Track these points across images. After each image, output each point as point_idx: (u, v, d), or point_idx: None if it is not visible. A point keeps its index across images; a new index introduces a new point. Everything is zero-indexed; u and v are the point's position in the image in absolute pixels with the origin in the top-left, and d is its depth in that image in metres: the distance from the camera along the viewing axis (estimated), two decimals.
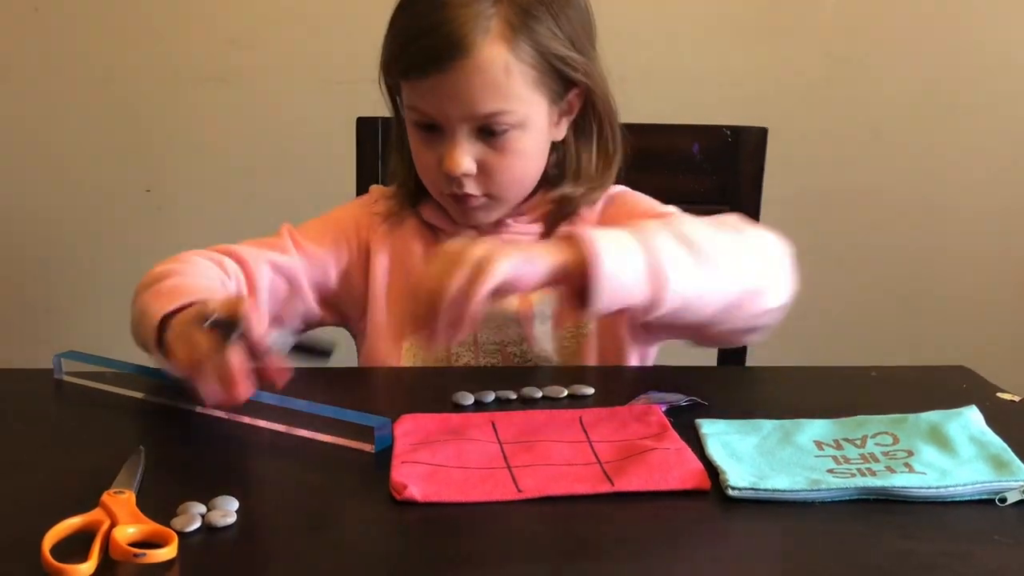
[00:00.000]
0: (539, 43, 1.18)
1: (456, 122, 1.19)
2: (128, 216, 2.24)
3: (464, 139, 1.19)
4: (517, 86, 1.18)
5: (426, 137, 1.22)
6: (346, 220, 1.34)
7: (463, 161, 1.19)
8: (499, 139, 1.20)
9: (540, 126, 1.23)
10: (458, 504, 0.85)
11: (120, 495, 0.82)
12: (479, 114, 1.18)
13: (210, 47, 2.17)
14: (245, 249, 1.27)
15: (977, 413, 0.99)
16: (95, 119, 2.20)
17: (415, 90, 1.20)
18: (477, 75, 1.16)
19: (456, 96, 1.17)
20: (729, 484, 0.86)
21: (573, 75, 1.22)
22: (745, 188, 1.48)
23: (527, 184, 1.27)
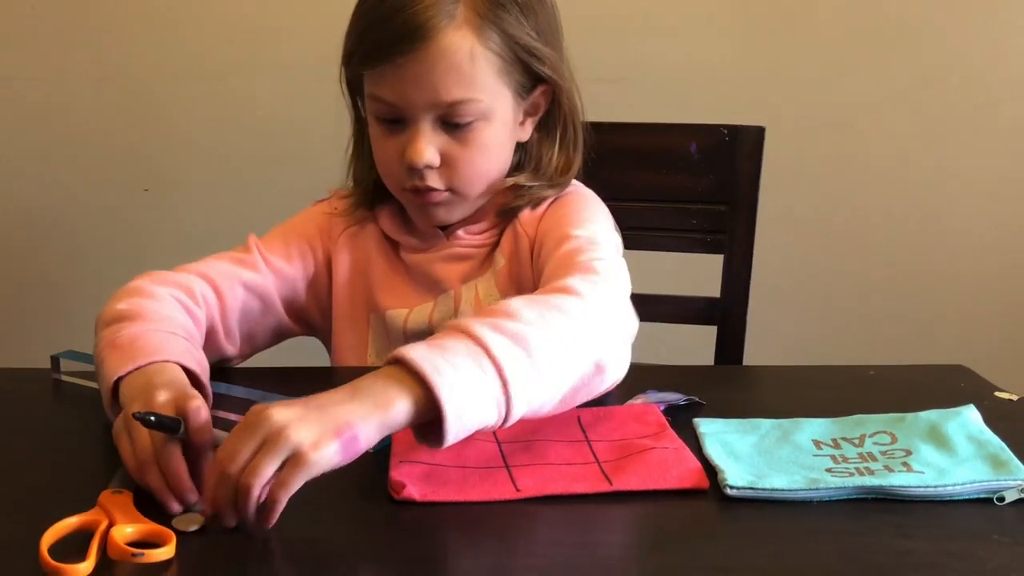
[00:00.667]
0: (506, 32, 1.16)
1: (419, 111, 1.16)
2: (126, 215, 2.24)
3: (427, 129, 1.16)
4: (482, 74, 1.16)
5: (387, 129, 1.19)
6: (309, 229, 1.30)
7: (426, 151, 1.16)
8: (463, 130, 1.17)
9: (504, 119, 1.20)
10: (456, 503, 0.85)
11: (118, 495, 0.82)
12: (443, 101, 1.15)
13: (207, 46, 2.17)
14: (217, 269, 1.22)
15: (975, 412, 0.99)
16: (92, 118, 2.20)
17: (377, 79, 1.17)
18: (441, 60, 1.13)
19: (419, 82, 1.14)
20: (727, 483, 0.86)
21: (540, 68, 1.20)
22: (743, 187, 1.48)
23: (489, 180, 1.22)
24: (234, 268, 1.22)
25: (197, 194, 2.22)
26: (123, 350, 1.00)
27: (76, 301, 2.27)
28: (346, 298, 1.28)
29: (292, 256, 1.27)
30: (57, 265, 2.28)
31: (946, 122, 2.17)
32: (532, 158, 1.26)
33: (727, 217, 1.48)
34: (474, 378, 0.85)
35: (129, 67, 2.17)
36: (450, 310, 1.24)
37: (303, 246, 1.28)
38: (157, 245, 2.22)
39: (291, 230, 1.30)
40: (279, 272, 1.26)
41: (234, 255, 1.25)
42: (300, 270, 1.28)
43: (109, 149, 2.21)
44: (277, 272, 1.25)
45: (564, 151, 1.26)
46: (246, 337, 1.23)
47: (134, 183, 2.23)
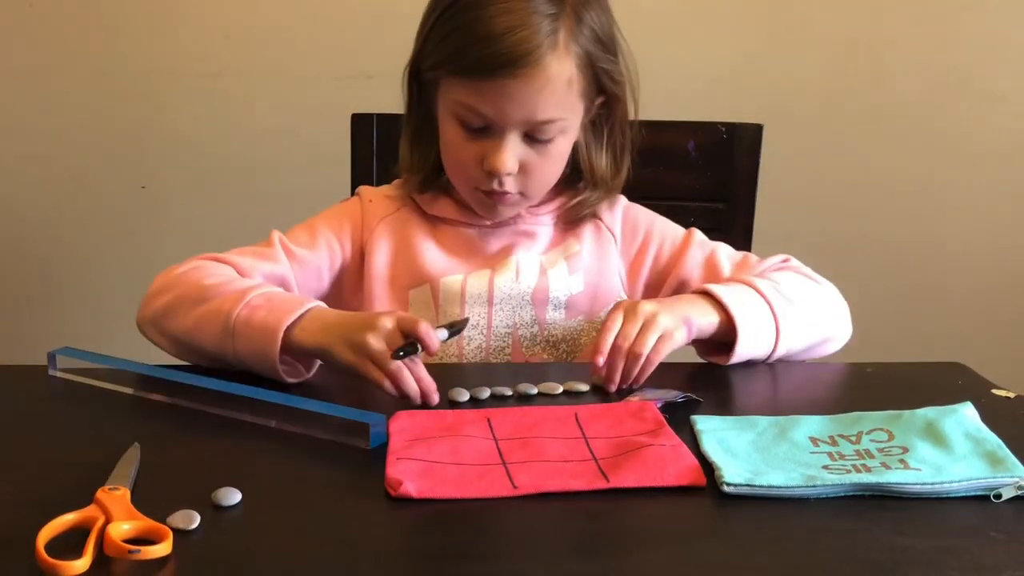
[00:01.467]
0: (589, 51, 1.22)
1: (511, 126, 1.21)
2: (123, 212, 2.24)
3: (515, 141, 1.22)
4: (573, 96, 1.22)
5: (470, 135, 1.23)
6: (339, 221, 1.35)
7: (510, 161, 1.22)
8: (544, 143, 1.23)
9: (576, 130, 1.27)
10: (453, 500, 0.85)
11: (115, 491, 0.82)
12: (538, 120, 1.20)
13: (205, 42, 2.17)
14: (239, 260, 1.26)
15: (972, 409, 0.99)
16: (89, 115, 2.20)
17: (473, 90, 1.20)
18: (546, 85, 1.18)
19: (520, 102, 1.19)
20: (724, 480, 0.86)
21: (610, 87, 1.26)
22: (740, 185, 1.48)
23: (552, 184, 1.30)
24: (254, 260, 1.28)
25: (194, 191, 2.22)
26: (267, 308, 1.12)
27: (73, 297, 2.27)
28: (384, 280, 1.32)
29: (317, 245, 1.32)
30: (54, 262, 2.28)
31: (944, 119, 2.18)
32: (585, 164, 1.33)
33: (725, 215, 1.48)
34: (760, 317, 1.19)
35: (126, 64, 2.17)
36: (511, 275, 1.30)
37: (330, 236, 1.33)
38: (154, 242, 2.22)
39: (317, 222, 1.35)
40: (301, 261, 1.30)
41: (254, 249, 1.30)
42: (325, 258, 1.33)
43: (106, 146, 2.21)
44: (299, 261, 1.30)
45: (611, 155, 1.33)
46: None
47: (131, 180, 2.23)
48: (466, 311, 1.29)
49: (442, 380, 1.10)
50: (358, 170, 1.54)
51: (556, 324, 1.31)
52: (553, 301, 1.30)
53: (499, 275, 1.30)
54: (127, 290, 1.26)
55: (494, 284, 1.30)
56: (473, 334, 1.29)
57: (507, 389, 1.09)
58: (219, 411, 1.04)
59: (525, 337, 1.30)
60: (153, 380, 1.10)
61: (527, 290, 1.30)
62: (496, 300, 1.29)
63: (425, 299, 1.30)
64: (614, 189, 1.35)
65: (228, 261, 1.26)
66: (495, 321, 1.30)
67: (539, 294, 1.30)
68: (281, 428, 1.00)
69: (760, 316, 1.19)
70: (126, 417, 1.05)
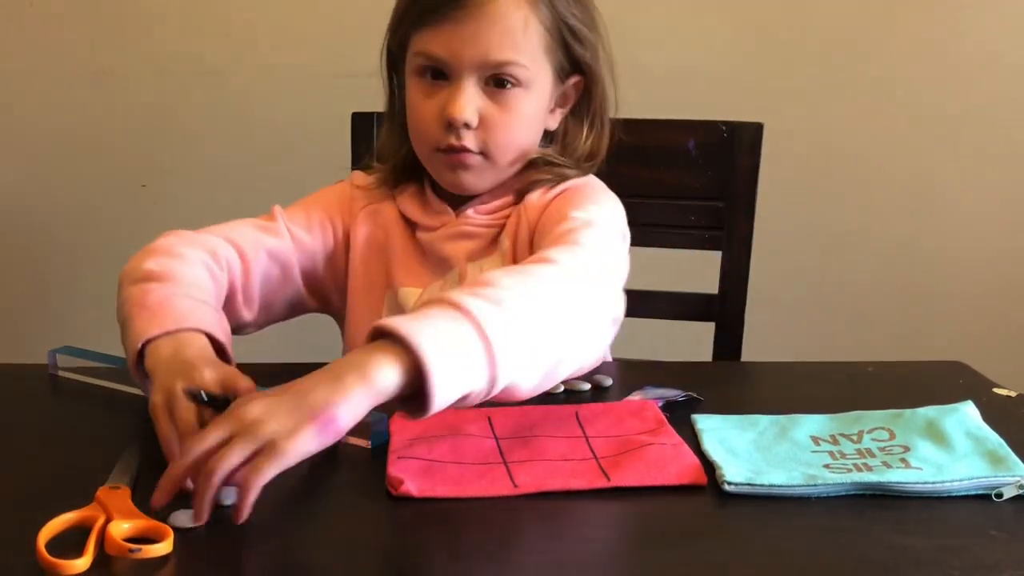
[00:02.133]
0: (557, 10, 1.20)
1: (466, 68, 1.18)
2: (123, 211, 2.24)
3: (471, 87, 1.19)
4: (531, 44, 1.19)
5: (429, 86, 1.21)
6: (330, 203, 1.33)
7: (467, 107, 1.19)
8: (504, 94, 1.20)
9: (542, 95, 1.24)
10: (454, 499, 0.85)
11: (116, 490, 0.82)
12: (492, 60, 1.18)
13: (205, 41, 2.17)
14: (242, 233, 1.25)
15: (973, 408, 0.99)
16: (89, 114, 2.20)
17: (429, 35, 1.19)
18: (497, 21, 1.17)
19: (473, 39, 1.17)
20: (725, 479, 0.86)
21: (581, 52, 1.24)
22: (740, 184, 1.48)
23: (520, 149, 1.24)
24: (259, 234, 1.26)
25: (194, 189, 2.22)
26: (152, 312, 1.03)
27: (73, 296, 2.27)
28: (363, 274, 1.30)
29: (313, 227, 1.30)
30: (54, 260, 2.28)
31: (944, 118, 2.17)
32: (560, 140, 1.29)
33: (725, 214, 1.48)
34: (457, 338, 0.85)
35: (127, 62, 2.17)
36: (457, 287, 1.24)
37: (324, 219, 1.31)
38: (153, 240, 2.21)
39: (313, 203, 1.33)
40: (300, 242, 1.29)
41: (259, 222, 1.29)
42: (320, 243, 1.31)
43: (106, 144, 2.21)
44: (298, 242, 1.29)
45: (591, 140, 1.29)
46: (264, 305, 1.26)
47: (131, 178, 2.23)
48: None
49: None
50: None
51: None
52: None
53: (447, 288, 1.24)
54: None
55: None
56: None
57: None
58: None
59: None
60: None
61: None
62: None
63: (393, 304, 1.28)
64: (586, 170, 1.29)
65: (231, 240, 1.23)
66: None
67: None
68: None
69: (466, 359, 0.86)
70: (127, 416, 1.05)
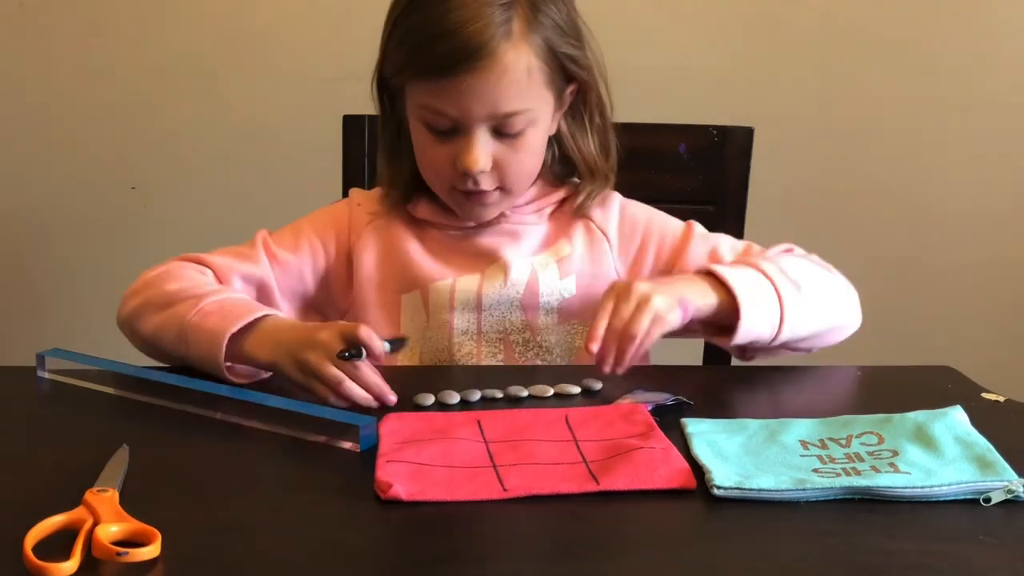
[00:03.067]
0: (550, 40, 1.21)
1: (476, 122, 1.19)
2: (113, 214, 2.23)
3: (483, 137, 1.20)
4: (535, 86, 1.21)
5: (439, 137, 1.22)
6: (325, 223, 1.34)
7: (481, 158, 1.20)
8: (514, 137, 1.21)
9: (547, 122, 1.26)
10: (443, 503, 0.84)
11: (103, 493, 0.82)
12: (501, 113, 1.19)
13: (196, 42, 2.16)
14: (213, 260, 1.28)
15: (962, 413, 0.99)
16: (80, 115, 2.19)
17: (433, 91, 1.19)
18: (503, 76, 1.17)
19: (480, 97, 1.18)
20: (715, 484, 0.86)
21: (578, 72, 1.25)
22: (731, 188, 1.48)
23: (532, 177, 1.29)
24: (231, 260, 1.28)
25: (185, 192, 2.22)
26: (219, 315, 1.14)
27: (62, 298, 2.26)
28: (373, 285, 1.31)
29: (301, 248, 1.32)
30: (43, 262, 2.27)
31: (935, 123, 2.18)
32: (575, 155, 1.31)
33: (715, 218, 1.48)
34: (763, 297, 1.16)
35: (118, 64, 2.16)
36: (500, 279, 1.28)
37: (314, 239, 1.33)
38: (145, 243, 2.21)
39: (303, 224, 1.35)
40: (283, 263, 1.30)
41: (235, 249, 1.31)
42: (309, 262, 1.32)
43: (97, 147, 2.21)
44: (281, 263, 1.30)
45: (597, 140, 1.32)
46: None
47: (122, 181, 2.22)
48: (455, 318, 1.28)
49: (432, 382, 1.10)
50: (349, 171, 1.53)
51: (549, 329, 1.29)
52: (544, 306, 1.29)
53: (487, 279, 1.28)
54: (117, 291, 1.26)
55: (482, 289, 1.28)
56: (464, 340, 1.28)
57: (497, 391, 1.09)
58: (209, 413, 1.04)
59: (517, 343, 1.29)
60: (142, 382, 1.09)
61: (516, 295, 1.28)
62: (485, 305, 1.28)
63: (416, 304, 1.29)
64: (608, 174, 1.33)
65: (206, 262, 1.27)
66: (484, 327, 1.28)
67: (529, 298, 1.28)
68: (271, 430, 1.00)
69: (764, 296, 1.16)
70: (115, 418, 1.05)
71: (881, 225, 2.22)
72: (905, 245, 2.23)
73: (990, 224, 2.22)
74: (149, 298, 1.21)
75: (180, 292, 1.19)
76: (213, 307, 1.16)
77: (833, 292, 1.26)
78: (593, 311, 1.26)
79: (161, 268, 1.25)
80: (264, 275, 1.28)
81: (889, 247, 2.23)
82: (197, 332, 1.14)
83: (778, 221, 2.08)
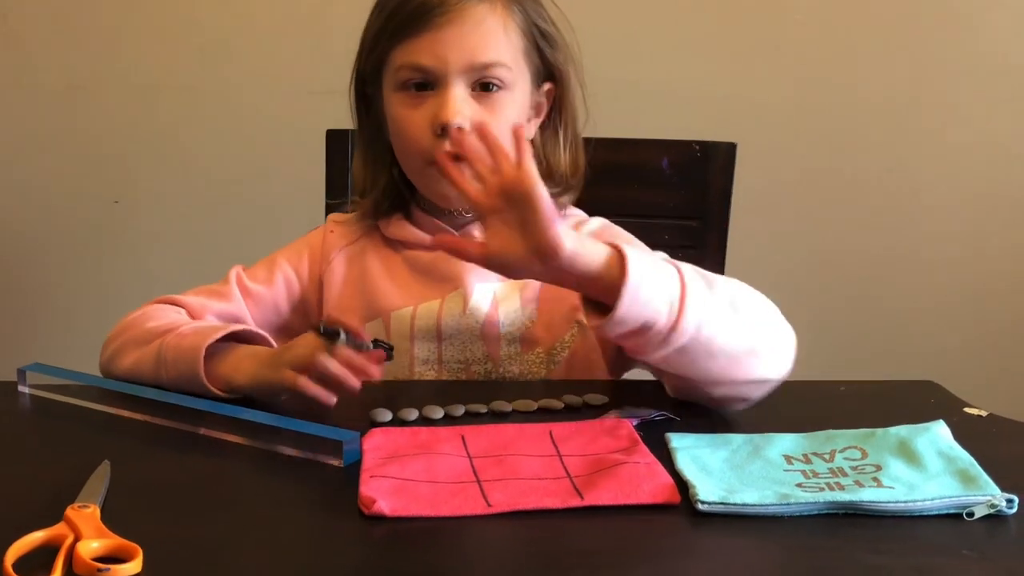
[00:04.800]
0: (528, 15, 1.23)
1: (453, 73, 1.20)
2: (95, 228, 2.23)
3: (460, 91, 1.20)
4: (512, 46, 1.22)
5: (415, 98, 1.22)
6: (299, 252, 1.35)
7: (462, 108, 1.19)
8: (491, 97, 1.21)
9: (523, 100, 1.25)
10: (427, 519, 0.84)
11: (84, 509, 0.82)
12: (479, 62, 1.20)
13: (179, 56, 2.16)
14: (189, 300, 1.28)
15: (945, 428, 1.00)
16: (62, 128, 2.19)
17: (411, 46, 1.20)
18: (479, 24, 1.19)
19: (458, 43, 1.19)
20: (699, 498, 0.86)
21: (553, 57, 1.26)
22: (714, 203, 1.49)
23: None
24: (206, 300, 1.29)
25: (167, 206, 2.21)
26: (195, 335, 1.14)
27: (44, 312, 2.25)
28: (339, 313, 1.29)
29: (274, 280, 1.33)
30: (24, 276, 2.26)
31: (915, 139, 2.19)
32: (542, 162, 1.28)
33: (699, 232, 1.48)
34: (660, 272, 0.99)
35: (100, 77, 2.16)
36: (459, 307, 1.26)
37: (287, 269, 1.33)
38: (127, 257, 2.21)
39: (278, 256, 1.35)
40: (257, 297, 1.31)
41: (209, 288, 1.32)
42: (283, 293, 1.33)
43: (79, 160, 2.20)
44: (255, 297, 1.31)
45: (569, 151, 1.31)
46: None
47: (104, 194, 2.22)
48: (415, 347, 1.26)
49: (416, 397, 1.09)
50: (332, 185, 1.53)
51: (512, 359, 1.27)
52: (506, 336, 1.26)
53: (447, 307, 1.26)
54: (100, 305, 1.26)
55: (442, 316, 1.26)
56: (424, 369, 1.27)
57: (481, 406, 1.08)
58: (191, 428, 1.03)
59: (479, 374, 1.27)
60: (124, 397, 1.09)
61: (475, 325, 1.26)
62: (444, 334, 1.26)
63: (378, 333, 1.27)
64: (573, 188, 1.31)
65: (180, 303, 1.28)
66: (445, 356, 1.27)
67: (489, 329, 1.26)
68: (254, 445, 0.99)
69: (663, 275, 1.00)
70: (96, 434, 1.04)
71: (863, 240, 2.23)
72: (888, 260, 2.24)
73: (974, 239, 2.23)
74: (128, 339, 1.21)
75: (158, 328, 1.19)
76: (189, 330, 1.16)
77: (761, 316, 1.08)
78: (556, 337, 1.26)
79: (137, 312, 1.26)
80: (238, 311, 1.29)
81: (871, 262, 2.24)
82: (175, 351, 1.13)
83: (760, 236, 2.09)
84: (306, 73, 2.10)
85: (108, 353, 1.23)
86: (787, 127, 2.18)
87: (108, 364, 1.22)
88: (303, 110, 2.08)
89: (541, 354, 1.27)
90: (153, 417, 1.06)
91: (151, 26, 2.15)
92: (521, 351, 1.27)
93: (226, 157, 2.18)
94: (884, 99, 2.17)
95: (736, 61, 2.16)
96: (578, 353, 1.28)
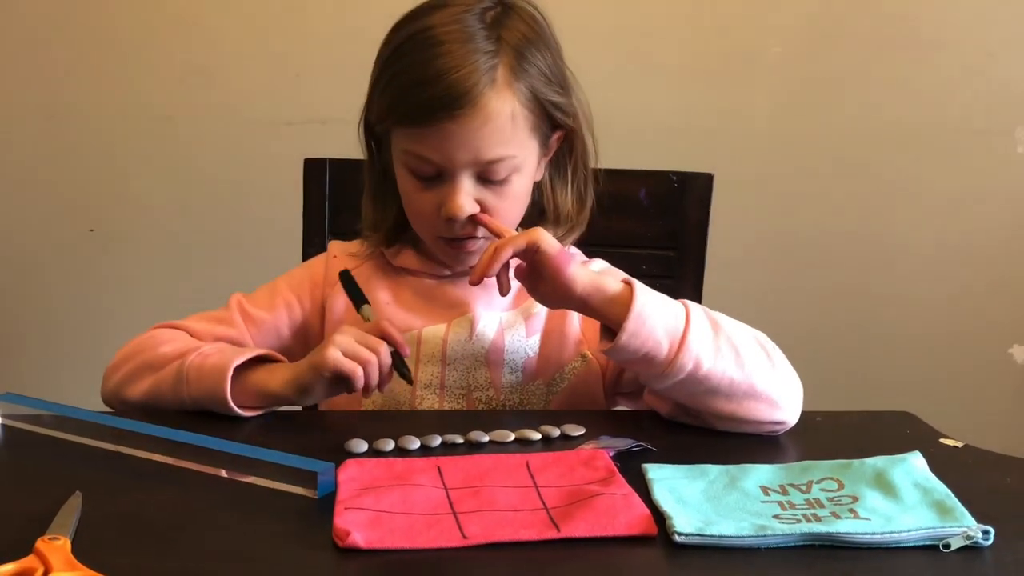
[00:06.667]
0: (535, 88, 1.21)
1: (460, 168, 1.19)
2: (70, 256, 2.21)
3: (467, 184, 1.20)
4: (519, 132, 1.20)
5: (423, 183, 1.22)
6: (300, 279, 1.35)
7: (466, 205, 1.20)
8: (499, 183, 1.21)
9: (531, 169, 1.25)
10: (403, 551, 0.84)
11: (55, 541, 0.81)
12: (484, 160, 1.19)
13: (157, 85, 2.16)
14: (192, 326, 1.29)
15: (921, 459, 1.00)
16: (38, 156, 2.18)
17: (417, 137, 1.19)
18: (487, 123, 1.17)
19: (464, 143, 1.17)
20: (675, 530, 0.85)
21: (563, 120, 1.25)
22: (691, 233, 1.49)
23: (517, 223, 1.28)
24: (208, 325, 1.30)
25: (143, 235, 2.20)
26: (220, 354, 1.16)
27: (16, 343, 2.23)
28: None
29: (276, 306, 1.33)
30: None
31: (893, 168, 2.21)
32: (549, 202, 1.31)
33: (676, 263, 1.49)
34: (666, 309, 1.09)
35: (77, 105, 2.16)
36: (466, 332, 1.27)
37: (288, 296, 1.34)
38: (102, 287, 2.19)
39: (279, 282, 1.36)
40: (259, 323, 1.31)
41: (210, 314, 1.32)
42: (285, 319, 1.33)
43: (55, 189, 2.20)
44: (256, 323, 1.31)
45: (576, 191, 1.32)
46: None
47: (80, 224, 2.21)
48: (419, 370, 1.26)
49: (392, 428, 1.09)
50: (310, 214, 1.53)
51: (512, 388, 1.27)
52: (508, 363, 1.27)
53: (453, 331, 1.27)
54: (73, 334, 1.25)
55: (448, 339, 1.26)
56: (426, 393, 1.27)
57: (458, 437, 1.08)
58: (165, 459, 1.02)
59: (480, 400, 1.27)
60: (98, 427, 1.08)
61: (481, 350, 1.26)
62: (449, 359, 1.26)
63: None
64: (578, 226, 1.32)
65: (184, 328, 1.29)
66: (448, 380, 1.27)
67: (494, 355, 1.27)
68: (228, 476, 0.99)
69: (668, 309, 1.10)
70: (69, 465, 1.03)
71: (840, 270, 2.24)
72: (864, 289, 2.25)
73: (950, 270, 2.25)
74: (139, 364, 1.22)
75: (173, 352, 1.20)
76: (213, 350, 1.18)
77: (763, 362, 1.13)
78: (556, 368, 1.27)
79: (142, 337, 1.26)
80: (238, 337, 1.29)
81: (848, 292, 2.25)
82: (199, 371, 1.15)
83: (738, 266, 2.10)
84: (284, 103, 2.10)
85: (116, 380, 1.23)
86: (765, 158, 2.19)
87: (118, 391, 1.23)
88: (281, 140, 2.09)
89: (541, 385, 1.28)
90: (125, 447, 1.05)
91: (129, 55, 2.15)
92: (521, 381, 1.28)
93: (203, 186, 2.18)
94: (864, 129, 2.19)
95: (714, 92, 2.17)
96: (578, 386, 1.28)
